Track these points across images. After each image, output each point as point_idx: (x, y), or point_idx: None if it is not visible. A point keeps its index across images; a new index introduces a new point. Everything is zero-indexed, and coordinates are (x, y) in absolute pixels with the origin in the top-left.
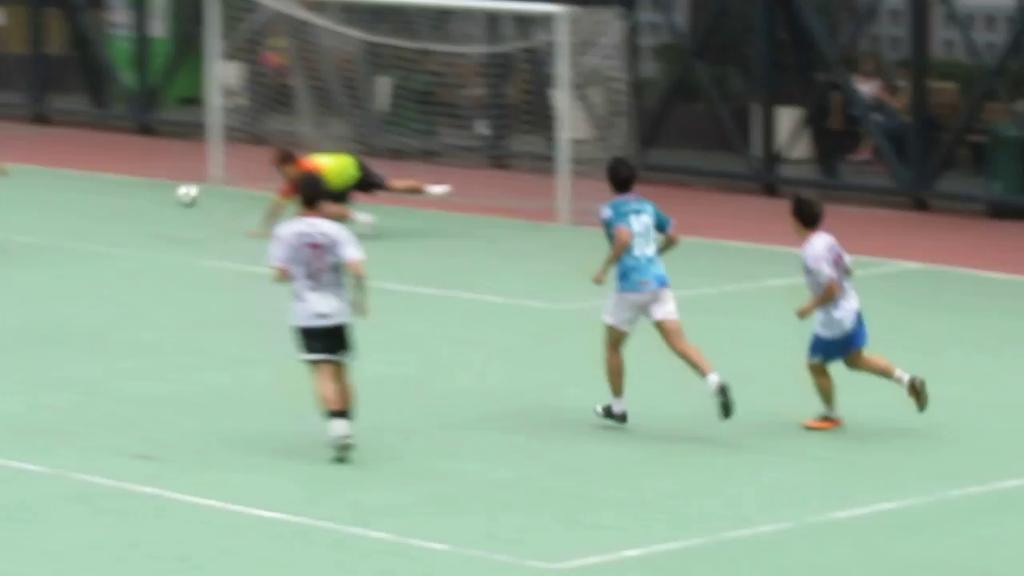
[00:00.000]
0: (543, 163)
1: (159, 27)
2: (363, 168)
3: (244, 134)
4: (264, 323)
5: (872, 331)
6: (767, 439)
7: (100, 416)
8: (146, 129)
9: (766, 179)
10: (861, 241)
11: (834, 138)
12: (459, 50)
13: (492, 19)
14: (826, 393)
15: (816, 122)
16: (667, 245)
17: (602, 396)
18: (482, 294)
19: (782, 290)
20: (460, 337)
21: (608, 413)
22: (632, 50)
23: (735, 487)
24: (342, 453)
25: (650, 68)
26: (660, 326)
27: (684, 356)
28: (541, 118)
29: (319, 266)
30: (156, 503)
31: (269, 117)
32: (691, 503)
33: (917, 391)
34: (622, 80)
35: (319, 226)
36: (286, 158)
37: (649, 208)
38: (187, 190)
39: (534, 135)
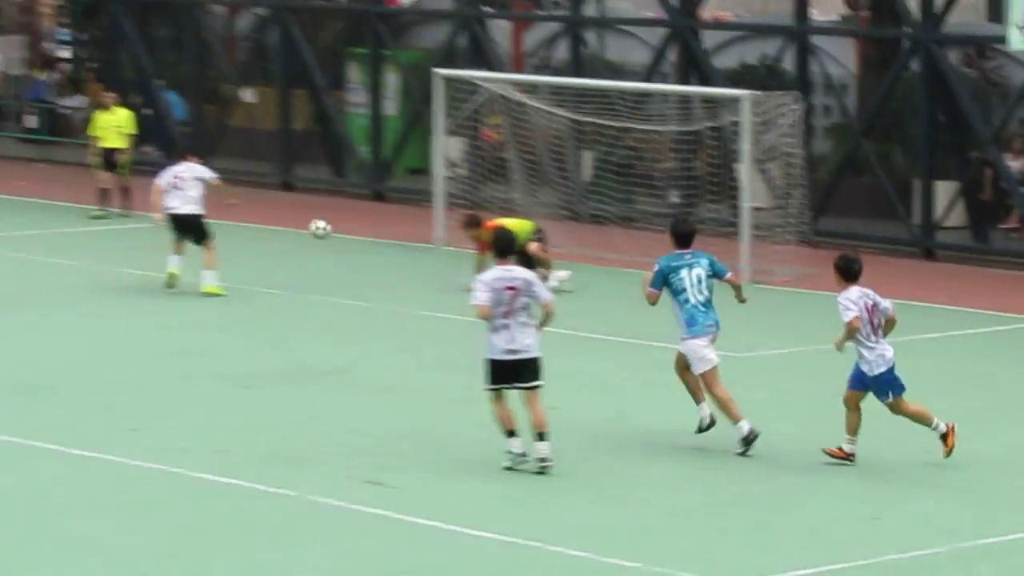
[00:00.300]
0: (727, 228)
1: (391, 106)
2: (538, 232)
3: (464, 201)
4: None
5: (1007, 383)
6: (915, 470)
7: (337, 447)
8: (379, 196)
9: (925, 245)
10: (1009, 300)
11: (986, 208)
12: (655, 128)
13: (684, 101)
14: (850, 426)
15: (970, 194)
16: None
17: (785, 436)
18: (672, 343)
19: (937, 342)
20: (653, 380)
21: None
22: (807, 129)
23: (888, 513)
24: (514, 464)
25: (823, 145)
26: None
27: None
28: (726, 189)
29: (514, 307)
30: (383, 522)
31: (486, 186)
32: (850, 528)
33: (946, 440)
34: (798, 156)
35: (515, 272)
36: (470, 223)
37: (703, 260)
38: (319, 225)
39: (720, 204)
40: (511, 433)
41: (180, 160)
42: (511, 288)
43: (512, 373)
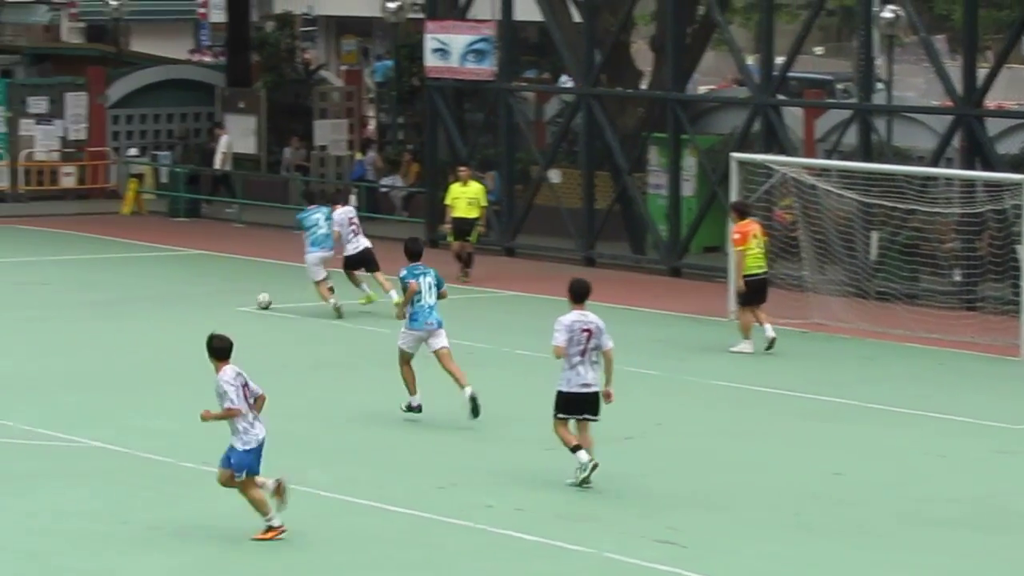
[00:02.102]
0: (1009, 307)
1: (689, 188)
2: None
3: None
4: (755, 433)
5: None
6: None
7: (630, 507)
8: (675, 272)
9: None
10: None
11: None
12: (939, 210)
13: (968, 185)
14: None
15: None
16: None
17: None
18: (950, 414)
19: None
20: (931, 449)
21: None
22: None
23: None
24: (588, 473)
25: None
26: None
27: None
28: (1008, 268)
29: (588, 347)
30: None
31: (777, 263)
32: None
33: None
34: None
35: (589, 316)
36: (742, 212)
37: None
38: (263, 297)
39: (1001, 283)
40: (576, 448)
41: None
42: (586, 331)
43: (582, 404)
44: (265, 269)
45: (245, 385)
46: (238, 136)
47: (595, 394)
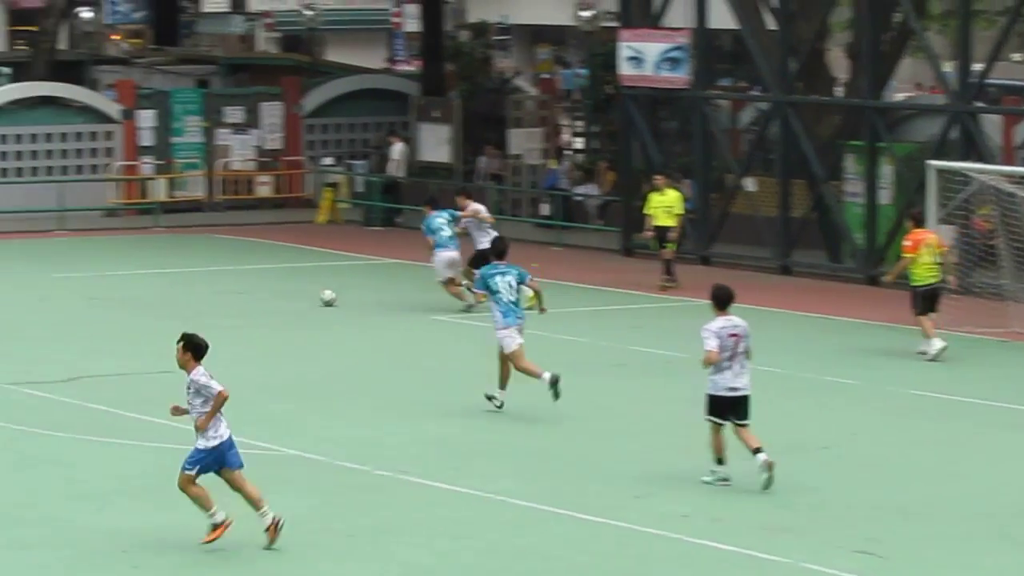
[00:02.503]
0: None
1: (886, 196)
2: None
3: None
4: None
5: None
6: None
7: (828, 517)
8: (872, 281)
9: None
10: None
11: None
12: None
13: None
14: None
15: None
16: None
17: None
18: None
19: None
20: None
21: None
22: None
23: None
24: (713, 481)
25: None
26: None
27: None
28: None
29: (737, 351)
30: None
31: (976, 272)
32: None
33: None
34: None
35: (735, 321)
36: (918, 221)
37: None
38: (327, 294)
39: None
40: (720, 461)
41: None
42: (735, 335)
43: (733, 407)
44: None
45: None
46: (432, 145)
47: (744, 398)
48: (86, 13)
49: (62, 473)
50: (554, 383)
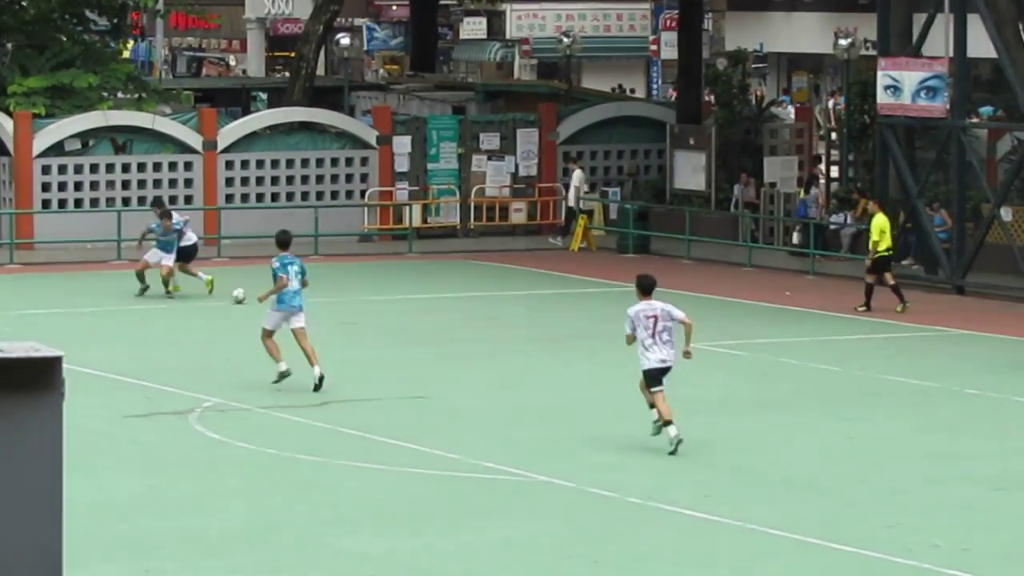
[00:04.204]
0: None
1: None
2: None
3: None
4: None
5: None
6: None
7: None
8: None
9: None
10: None
11: None
12: None
13: None
14: None
15: None
16: None
17: None
18: None
19: None
20: None
21: None
22: None
23: None
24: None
25: None
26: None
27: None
28: None
29: (657, 330)
30: None
31: None
32: None
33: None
34: None
35: (654, 304)
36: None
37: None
38: (238, 292)
39: None
40: (669, 423)
41: None
42: (652, 316)
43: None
44: (710, 305)
45: None
46: (688, 173)
47: (669, 368)
48: (345, 39)
49: (312, 496)
50: (320, 379)
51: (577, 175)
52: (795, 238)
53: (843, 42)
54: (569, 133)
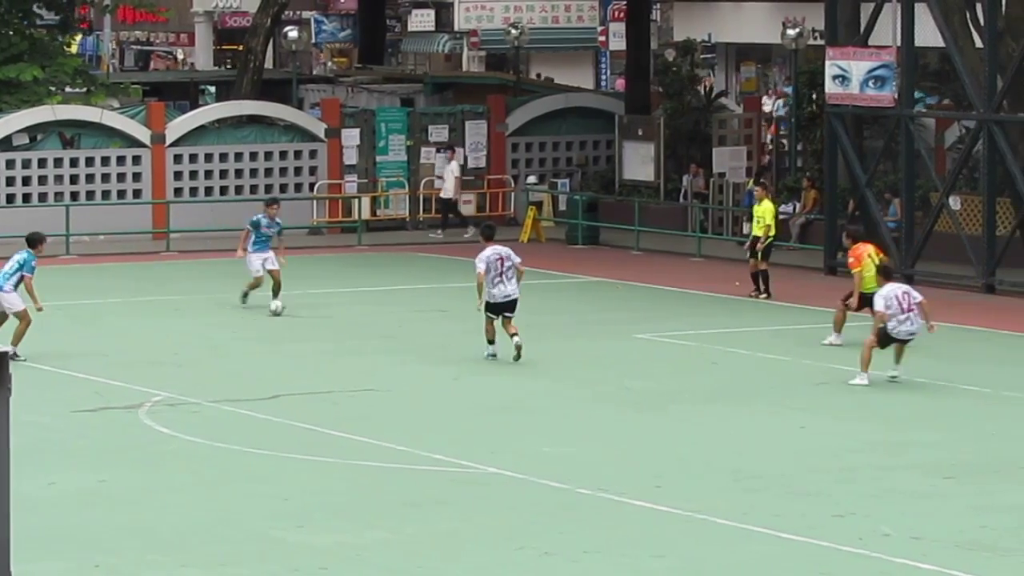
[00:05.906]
0: None
1: None
2: None
3: None
4: None
5: None
6: None
7: None
8: None
9: None
10: None
11: None
12: None
13: None
14: None
15: None
16: None
17: None
18: None
19: None
20: None
21: None
22: None
23: None
24: (518, 353)
25: None
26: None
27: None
28: None
29: (504, 268)
30: None
31: None
32: None
33: None
34: None
35: (499, 248)
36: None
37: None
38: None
39: None
40: (491, 342)
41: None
42: (499, 258)
43: (504, 308)
44: (661, 296)
45: None
46: (637, 164)
47: (515, 300)
48: (293, 32)
49: (262, 490)
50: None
51: (452, 166)
52: (745, 228)
53: (791, 32)
54: (518, 125)
